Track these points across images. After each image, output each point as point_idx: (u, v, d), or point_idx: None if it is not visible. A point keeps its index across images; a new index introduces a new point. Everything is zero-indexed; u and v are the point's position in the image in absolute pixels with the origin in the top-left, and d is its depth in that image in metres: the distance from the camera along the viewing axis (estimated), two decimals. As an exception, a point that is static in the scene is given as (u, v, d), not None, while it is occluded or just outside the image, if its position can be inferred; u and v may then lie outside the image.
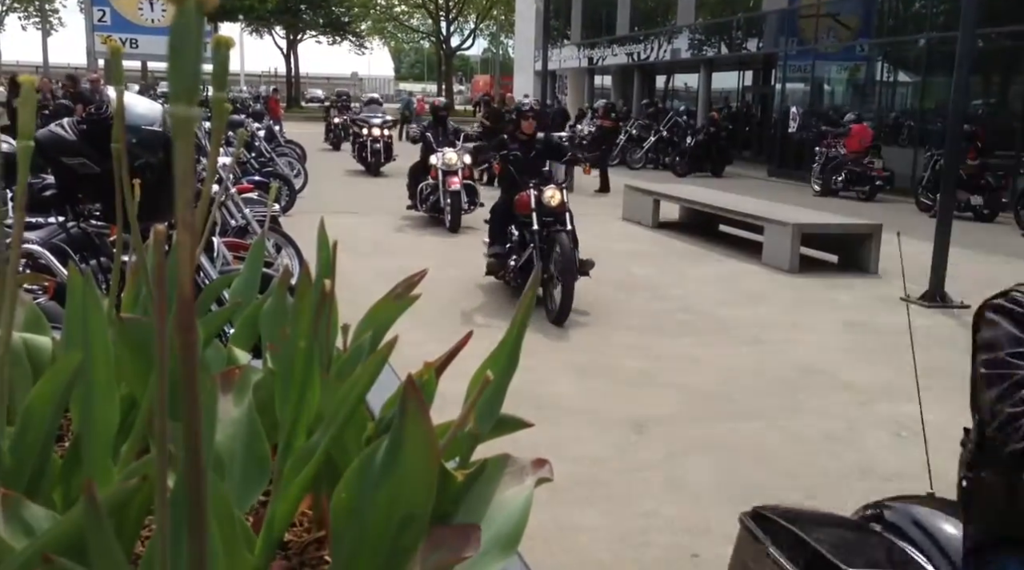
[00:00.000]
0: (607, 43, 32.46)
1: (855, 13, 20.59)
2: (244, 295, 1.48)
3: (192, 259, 0.42)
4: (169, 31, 0.42)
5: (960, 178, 12.77)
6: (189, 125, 0.41)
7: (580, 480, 4.08)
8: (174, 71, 0.41)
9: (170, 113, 0.41)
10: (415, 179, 12.08)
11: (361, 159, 17.86)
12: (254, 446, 0.93)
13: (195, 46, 0.41)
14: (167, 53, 0.42)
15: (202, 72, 0.44)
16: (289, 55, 52.86)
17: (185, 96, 0.41)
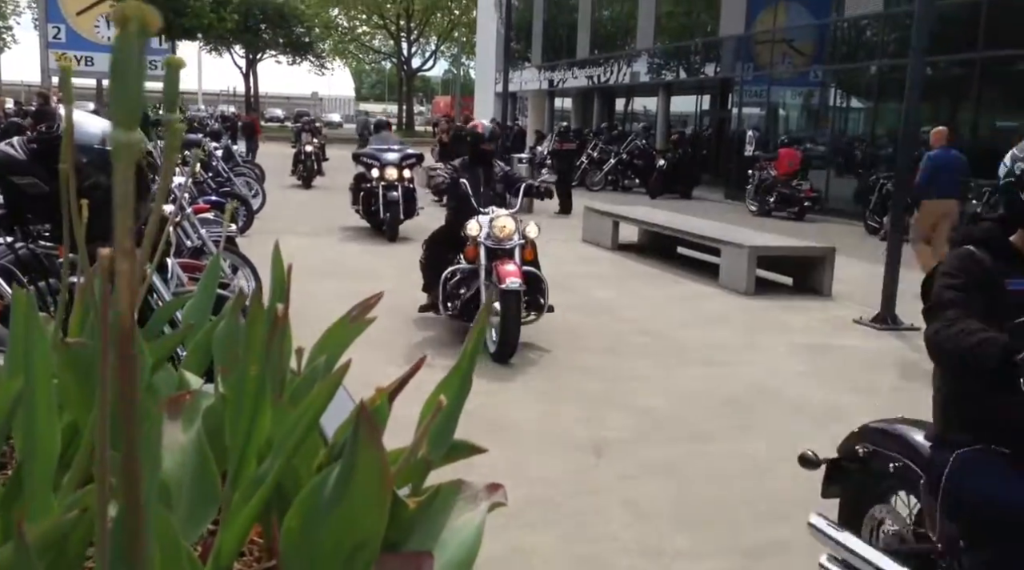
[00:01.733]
0: (567, 66, 32.75)
1: (809, 40, 21.03)
2: (197, 317, 1.46)
3: (131, 288, 0.42)
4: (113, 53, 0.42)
5: (905, 202, 13.30)
6: (130, 150, 0.41)
7: (537, 503, 4.07)
8: (116, 95, 0.41)
9: (111, 138, 0.40)
10: (437, 259, 7.12)
11: (368, 213, 12.62)
12: (203, 473, 0.91)
13: (137, 70, 0.41)
14: (109, 78, 0.42)
15: (145, 96, 0.44)
16: (248, 74, 52.55)
17: (126, 121, 0.40)
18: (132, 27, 0.39)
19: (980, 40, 15.38)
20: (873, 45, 18.69)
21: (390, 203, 12.23)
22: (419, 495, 0.84)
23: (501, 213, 6.69)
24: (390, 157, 12.76)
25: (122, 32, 0.40)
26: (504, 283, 6.12)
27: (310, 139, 20.18)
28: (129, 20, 0.39)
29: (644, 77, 27.23)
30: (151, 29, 0.41)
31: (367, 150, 13.63)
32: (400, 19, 53.06)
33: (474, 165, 7.28)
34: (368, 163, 12.71)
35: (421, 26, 54.48)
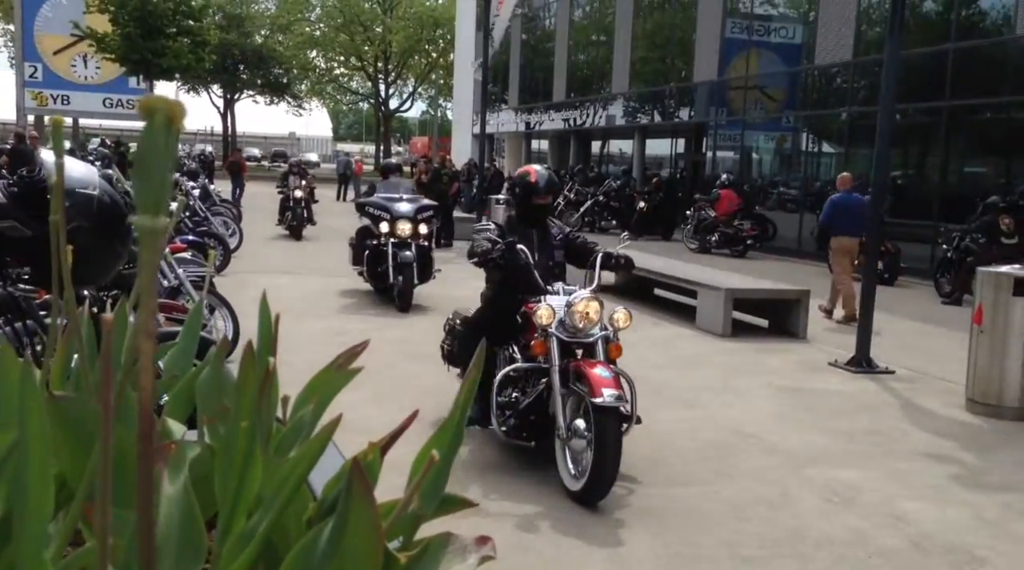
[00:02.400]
0: (544, 108, 33.11)
1: (781, 86, 21.44)
2: (180, 364, 1.45)
3: (151, 366, 0.42)
4: (139, 143, 0.43)
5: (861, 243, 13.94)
6: (156, 236, 0.42)
7: (516, 549, 4.04)
8: (141, 182, 0.42)
9: (136, 224, 0.42)
10: None
11: (375, 275, 10.52)
12: (189, 526, 0.91)
13: (163, 160, 0.42)
14: (134, 165, 0.43)
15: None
16: (226, 114, 52.69)
17: (152, 207, 0.41)
18: (159, 118, 0.41)
19: (947, 88, 15.75)
20: (843, 92, 19.08)
21: (403, 265, 9.94)
22: (409, 548, 0.84)
23: (583, 294, 5.07)
24: (402, 209, 10.47)
25: (149, 123, 0.41)
26: (600, 396, 4.48)
27: (298, 183, 17.64)
28: (156, 110, 0.40)
29: (620, 120, 27.58)
30: (179, 120, 0.42)
31: (374, 199, 11.04)
32: (378, 61, 53.52)
33: (525, 225, 5.57)
34: (376, 215, 10.48)
35: (398, 68, 54.96)
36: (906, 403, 7.09)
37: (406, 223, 10.25)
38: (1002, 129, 16.21)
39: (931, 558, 4.20)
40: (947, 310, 12.19)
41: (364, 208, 10.98)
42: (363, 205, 11.12)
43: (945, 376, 7.78)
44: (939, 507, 4.85)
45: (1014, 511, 4.85)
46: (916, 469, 5.49)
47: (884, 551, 4.25)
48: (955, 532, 4.50)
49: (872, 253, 8.63)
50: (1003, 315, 6.76)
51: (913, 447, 5.94)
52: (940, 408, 6.95)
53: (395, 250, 10.06)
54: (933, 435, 6.24)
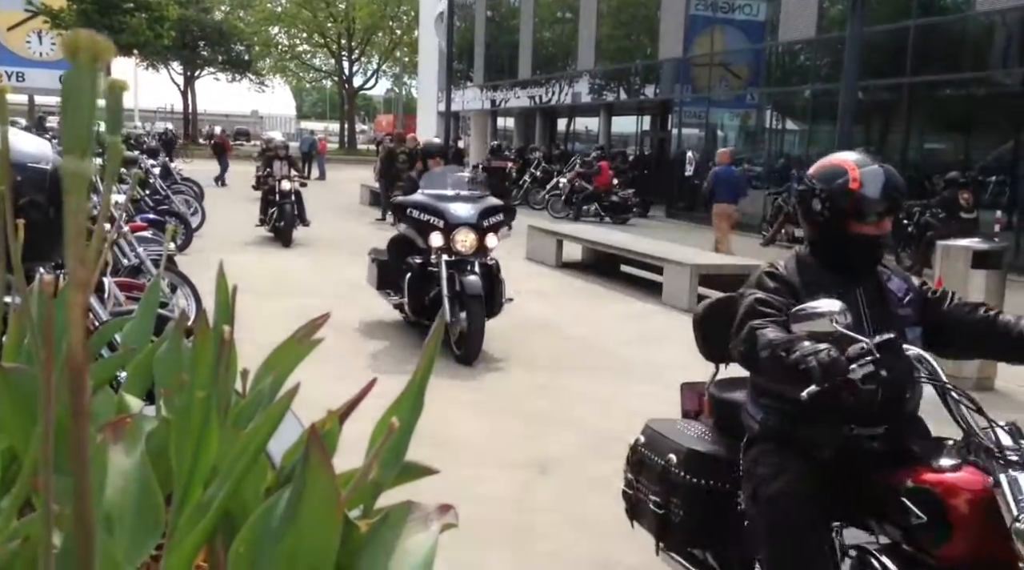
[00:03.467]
0: (510, 86, 32.97)
1: (744, 63, 21.52)
2: (138, 340, 1.43)
3: (83, 318, 0.41)
4: (64, 82, 0.41)
5: (790, 213, 15.49)
6: (82, 179, 0.40)
7: (485, 521, 4.05)
8: (67, 124, 0.40)
9: (62, 167, 0.40)
10: None
11: (417, 306, 7.44)
12: (146, 499, 0.89)
13: (89, 100, 0.40)
14: (60, 106, 0.41)
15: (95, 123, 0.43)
16: (186, 91, 51.87)
17: (79, 149, 0.39)
18: (83, 57, 0.39)
19: (908, 65, 15.90)
20: (807, 69, 19.21)
21: (469, 296, 6.86)
22: (369, 517, 0.83)
23: None
24: (461, 211, 7.31)
25: (74, 61, 0.39)
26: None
27: (285, 171, 13.86)
28: (80, 50, 0.39)
29: (585, 98, 27.54)
30: (104, 59, 0.40)
31: (418, 198, 7.63)
32: (341, 38, 52.90)
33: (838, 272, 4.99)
34: (422, 222, 7.30)
35: (362, 45, 54.39)
36: (868, 375, 7.20)
37: (468, 233, 7.10)
38: (962, 105, 16.44)
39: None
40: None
41: (404, 210, 7.58)
42: (403, 206, 7.64)
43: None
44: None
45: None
46: (877, 440, 5.57)
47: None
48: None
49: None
50: (962, 288, 6.87)
51: (874, 418, 6.03)
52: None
53: (452, 272, 6.99)
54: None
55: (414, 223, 7.41)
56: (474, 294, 6.83)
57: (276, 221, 13.67)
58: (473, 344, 6.80)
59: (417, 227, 7.38)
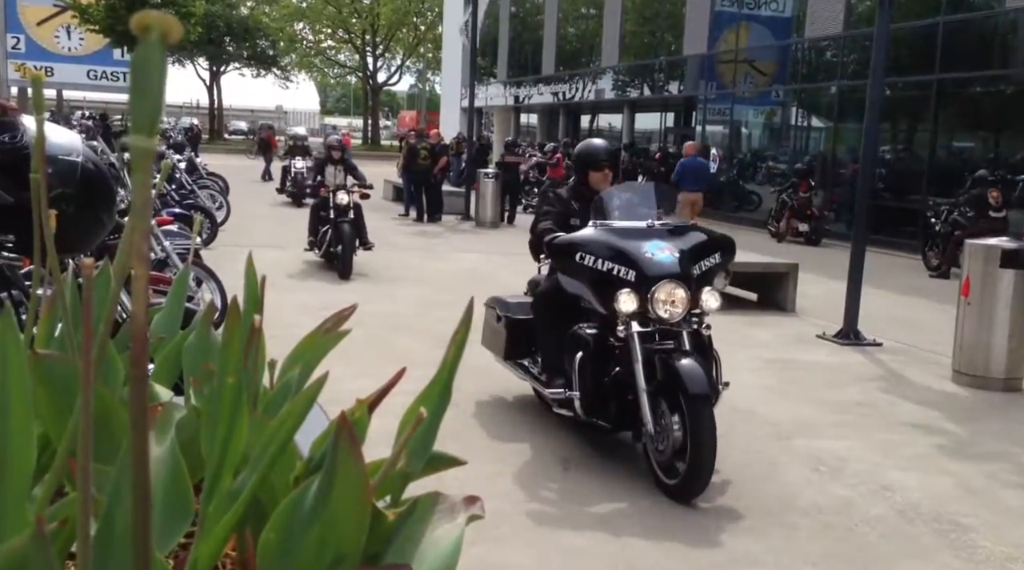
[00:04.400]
0: (533, 82, 32.94)
1: (770, 60, 21.37)
2: (167, 331, 1.44)
3: (145, 292, 0.41)
4: (133, 60, 0.42)
5: (793, 208, 16.54)
6: (148, 157, 0.41)
7: (507, 519, 4.06)
8: (136, 103, 0.41)
9: (130, 144, 0.40)
10: None
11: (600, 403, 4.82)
12: (176, 486, 0.90)
13: (158, 78, 0.41)
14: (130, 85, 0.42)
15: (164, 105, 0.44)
16: (212, 87, 52.20)
17: (146, 128, 0.40)
18: (153, 35, 0.39)
19: (937, 62, 15.72)
20: (833, 66, 19.04)
21: (689, 396, 4.30)
22: (398, 507, 0.84)
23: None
24: (662, 260, 4.72)
25: (143, 40, 0.40)
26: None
27: (341, 180, 10.69)
28: (150, 28, 0.39)
29: (609, 94, 27.46)
30: (173, 37, 0.41)
31: (592, 237, 4.89)
32: (365, 34, 53.02)
33: None
34: (602, 274, 4.72)
35: (386, 41, 54.47)
36: (893, 375, 7.14)
37: (675, 289, 4.59)
38: (991, 103, 16.24)
39: (916, 526, 4.25)
40: (934, 283, 12.26)
41: (572, 253, 4.83)
42: (566, 248, 4.89)
43: (932, 348, 7.83)
44: (925, 476, 4.89)
45: (998, 480, 4.90)
46: (903, 439, 5.53)
47: (870, 519, 4.29)
48: (940, 501, 4.54)
49: (859, 219, 8.60)
50: (990, 287, 6.80)
51: (900, 418, 5.98)
52: (927, 379, 7.00)
53: (653, 354, 4.54)
54: (919, 406, 6.28)
55: (589, 276, 4.79)
56: (698, 394, 4.31)
57: (330, 246, 10.59)
58: (694, 481, 4.32)
59: (592, 280, 4.80)
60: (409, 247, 13.50)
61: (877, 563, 3.88)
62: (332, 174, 10.73)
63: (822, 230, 16.40)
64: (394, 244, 13.36)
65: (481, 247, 13.96)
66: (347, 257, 10.20)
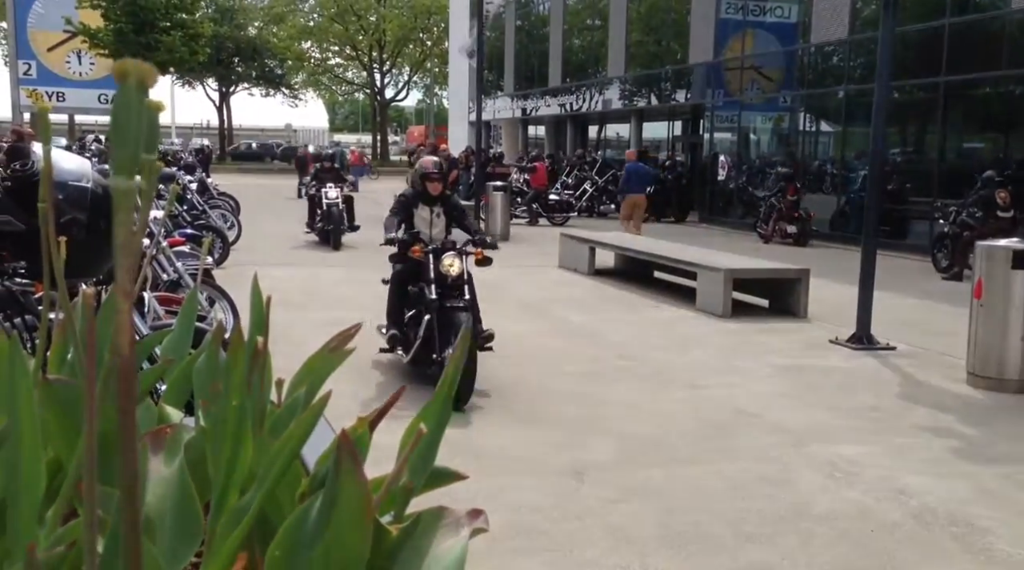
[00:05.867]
0: (540, 94, 33.02)
1: (777, 66, 21.37)
2: (177, 352, 1.46)
3: (129, 325, 0.43)
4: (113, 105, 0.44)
5: (780, 211, 17.30)
6: (130, 197, 0.43)
7: (520, 529, 4.06)
8: (116, 144, 0.43)
9: (111, 185, 0.42)
10: None
11: None
12: (185, 506, 0.92)
13: (136, 121, 0.43)
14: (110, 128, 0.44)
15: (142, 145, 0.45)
16: (222, 107, 52.59)
17: (126, 169, 0.42)
18: (131, 81, 0.41)
19: (943, 65, 15.70)
20: (840, 71, 19.03)
21: None
22: (401, 522, 0.85)
23: None
24: None
25: (122, 86, 0.42)
26: None
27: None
28: (129, 75, 0.41)
29: (616, 104, 27.51)
30: (149, 84, 0.43)
31: None
32: (372, 51, 53.35)
33: None
34: None
35: (393, 57, 54.79)
36: (907, 378, 7.11)
37: None
38: (998, 104, 16.18)
39: (933, 530, 4.23)
40: (947, 285, 12.20)
41: None
42: None
43: (946, 351, 7.80)
44: (941, 480, 4.87)
45: (1015, 482, 4.87)
46: (918, 443, 5.51)
47: (887, 525, 4.27)
48: (957, 504, 4.52)
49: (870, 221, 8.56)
50: (1002, 289, 6.77)
51: (915, 422, 5.96)
52: (941, 382, 6.97)
53: None
54: (934, 409, 6.26)
55: None
56: None
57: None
58: None
59: None
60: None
61: (895, 569, 3.86)
62: (428, 221, 6.82)
63: (809, 232, 17.19)
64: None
65: (492, 260, 13.97)
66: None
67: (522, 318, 8.96)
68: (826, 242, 17.21)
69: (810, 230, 17.24)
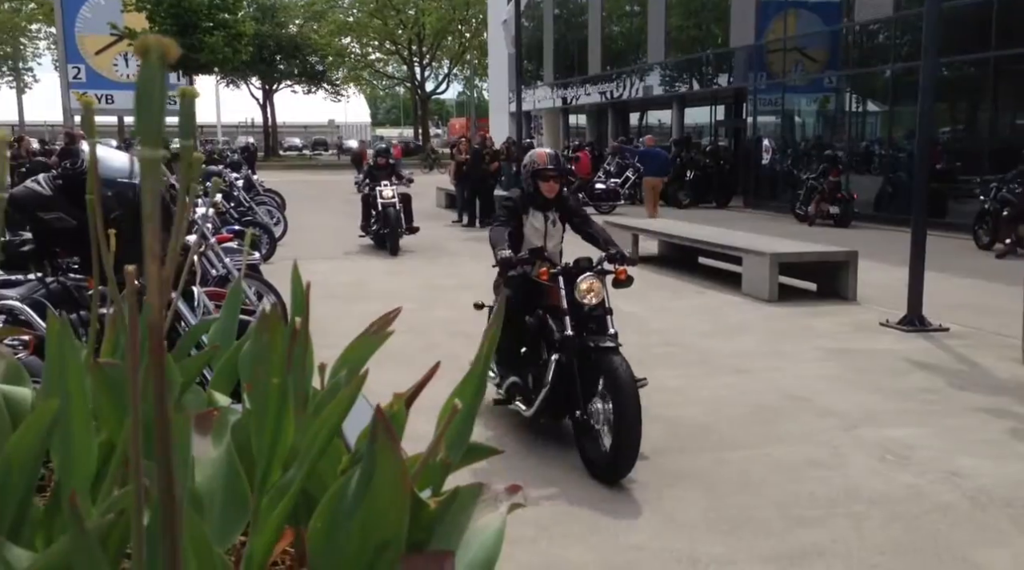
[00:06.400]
0: (580, 83, 32.87)
1: (821, 46, 21.01)
2: (222, 340, 1.50)
3: (159, 286, 0.45)
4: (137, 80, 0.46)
5: (823, 192, 17.34)
6: (155, 166, 0.44)
7: (568, 515, 4.08)
8: (141, 117, 0.44)
9: (138, 155, 0.44)
10: None
11: None
12: (233, 485, 0.95)
13: (159, 93, 0.45)
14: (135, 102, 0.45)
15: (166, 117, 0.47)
16: (265, 105, 53.20)
17: (151, 139, 0.44)
18: (153, 57, 0.43)
19: (992, 39, 15.30)
20: (886, 49, 18.65)
21: None
22: (439, 497, 0.87)
23: None
24: None
25: (145, 61, 0.44)
26: None
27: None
28: (151, 50, 0.43)
29: (657, 90, 27.28)
30: (170, 58, 0.45)
31: None
32: (412, 44, 53.53)
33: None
34: None
35: (433, 50, 54.92)
36: (960, 359, 6.98)
37: None
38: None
39: (989, 512, 4.15)
40: (999, 264, 11.94)
41: None
42: None
43: (999, 331, 7.64)
44: (996, 462, 4.77)
45: (1074, 463, 4.76)
46: (972, 425, 5.40)
47: (940, 507, 4.21)
48: (1013, 486, 4.43)
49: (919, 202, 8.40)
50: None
51: (968, 403, 5.85)
52: (995, 363, 6.83)
53: None
54: (989, 391, 6.13)
55: None
56: None
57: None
58: None
59: None
60: (465, 253, 13.59)
61: (950, 550, 3.81)
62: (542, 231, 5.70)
63: (851, 212, 17.15)
64: (449, 250, 13.47)
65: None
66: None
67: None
68: (867, 223, 17.02)
69: (852, 211, 17.22)
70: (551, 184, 5.34)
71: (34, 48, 55.96)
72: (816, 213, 17.52)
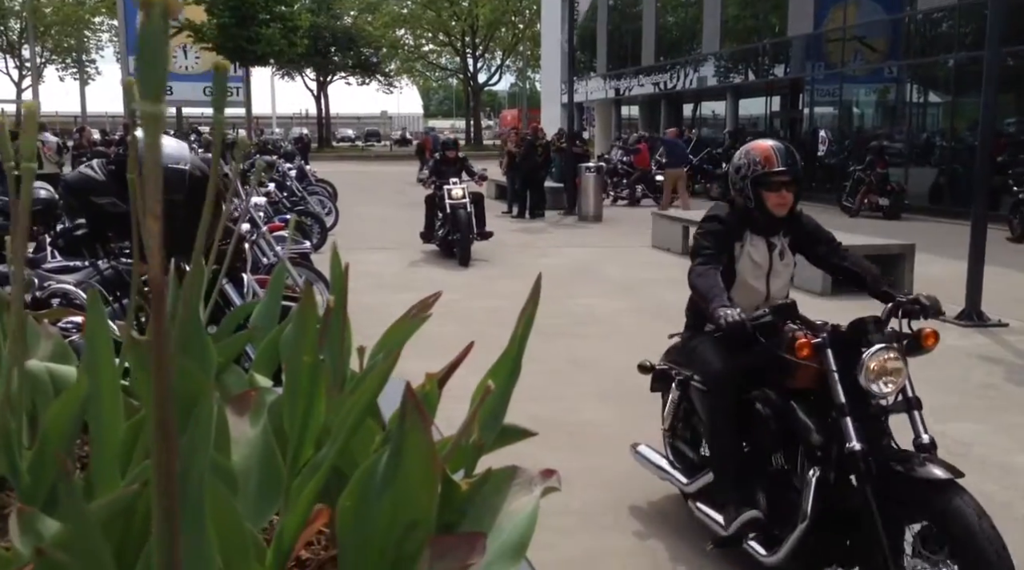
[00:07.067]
0: (633, 73, 32.63)
1: (881, 36, 20.56)
2: (264, 322, 1.51)
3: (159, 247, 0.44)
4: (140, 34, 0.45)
5: (870, 184, 17.13)
6: (157, 121, 0.44)
7: (610, 506, 4.06)
8: (143, 71, 0.44)
9: (139, 110, 0.44)
10: None
11: None
12: (269, 465, 0.95)
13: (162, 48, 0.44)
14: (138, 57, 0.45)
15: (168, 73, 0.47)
16: (319, 96, 53.77)
17: (153, 94, 0.43)
18: (156, 11, 0.43)
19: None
20: (949, 38, 18.19)
21: None
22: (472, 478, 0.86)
23: None
24: None
25: (148, 15, 0.43)
26: None
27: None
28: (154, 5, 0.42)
29: (711, 81, 26.96)
30: (173, 11, 0.44)
31: None
32: (465, 36, 53.65)
33: None
34: None
35: (486, 42, 54.97)
36: (1021, 356, 6.78)
37: None
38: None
39: (1048, 514, 4.03)
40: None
41: None
42: None
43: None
44: (1057, 462, 4.64)
45: None
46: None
47: (997, 504, 4.09)
48: (1075, 487, 4.30)
49: (980, 195, 8.18)
50: None
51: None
52: (1058, 361, 6.63)
53: None
54: (1051, 389, 5.96)
55: None
56: None
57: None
58: None
59: None
60: (514, 243, 13.61)
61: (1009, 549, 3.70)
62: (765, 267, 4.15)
63: (901, 204, 16.96)
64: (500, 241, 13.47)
65: (584, 241, 13.95)
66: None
67: (613, 296, 8.92)
68: (916, 215, 16.72)
69: (903, 203, 17.02)
70: (783, 195, 3.60)
71: (96, 40, 57.29)
72: (862, 205, 17.36)
